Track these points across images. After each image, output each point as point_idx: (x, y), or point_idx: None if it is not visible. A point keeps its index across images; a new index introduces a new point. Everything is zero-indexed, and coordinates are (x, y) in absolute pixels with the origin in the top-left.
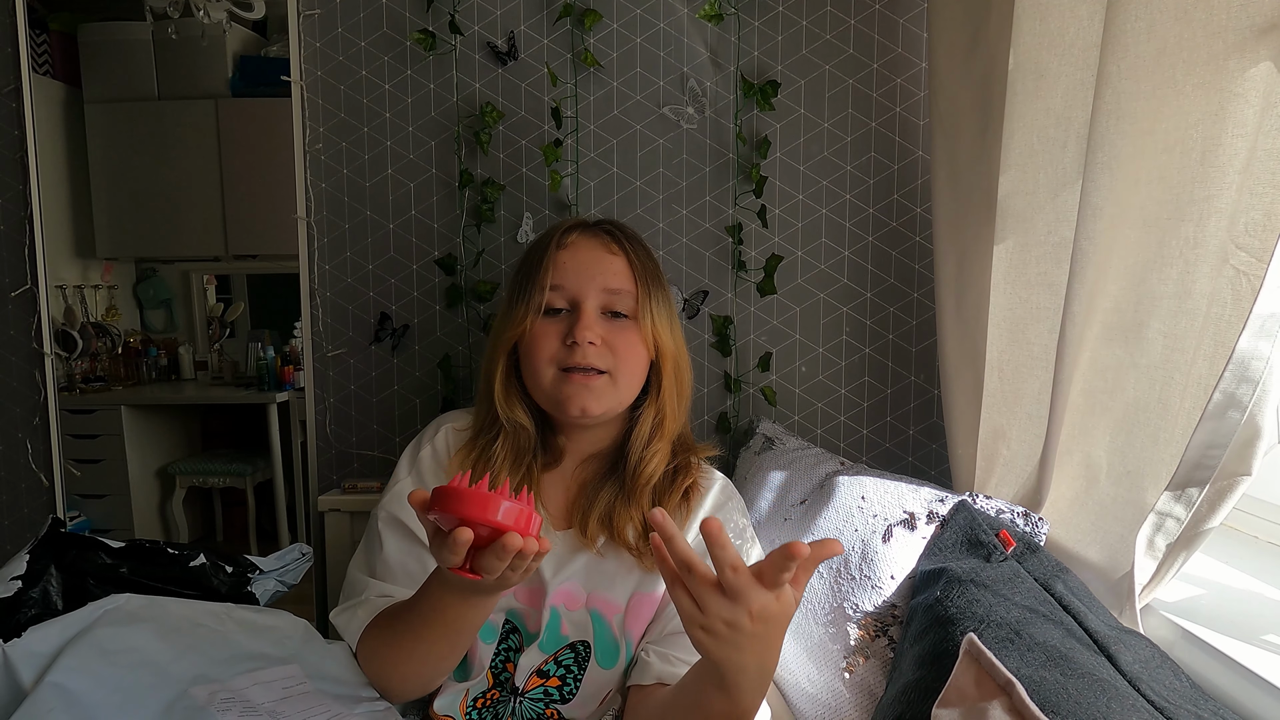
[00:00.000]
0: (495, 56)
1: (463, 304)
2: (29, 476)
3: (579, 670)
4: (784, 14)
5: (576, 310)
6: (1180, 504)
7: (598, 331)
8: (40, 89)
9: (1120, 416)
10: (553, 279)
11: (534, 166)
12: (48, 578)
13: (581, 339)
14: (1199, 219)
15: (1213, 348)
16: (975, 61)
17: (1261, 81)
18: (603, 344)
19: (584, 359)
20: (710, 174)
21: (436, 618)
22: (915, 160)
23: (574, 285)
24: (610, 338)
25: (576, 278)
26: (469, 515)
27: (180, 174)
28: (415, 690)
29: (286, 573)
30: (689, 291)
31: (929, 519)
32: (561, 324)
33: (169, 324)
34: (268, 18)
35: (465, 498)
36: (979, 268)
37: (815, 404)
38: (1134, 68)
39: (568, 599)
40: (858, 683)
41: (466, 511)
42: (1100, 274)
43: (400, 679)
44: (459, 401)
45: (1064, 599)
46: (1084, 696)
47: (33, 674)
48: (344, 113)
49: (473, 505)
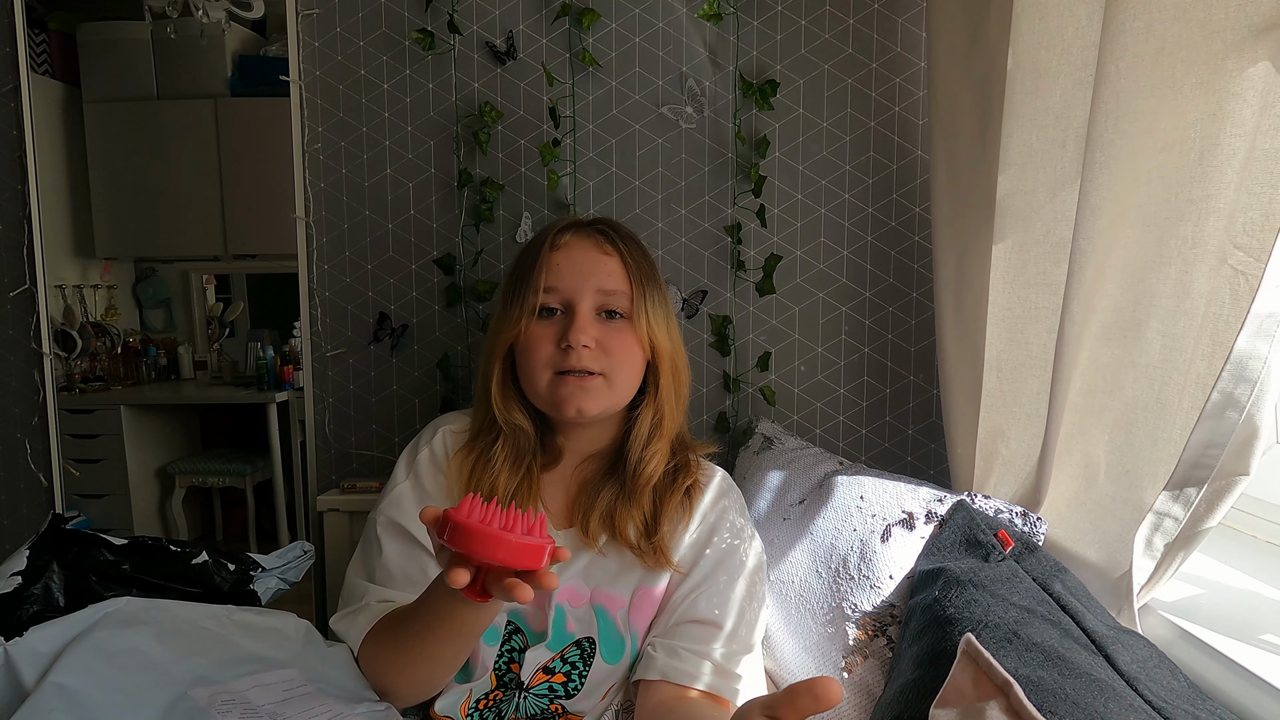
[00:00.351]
0: (494, 56)
1: (462, 304)
2: (28, 476)
3: (584, 666)
4: (783, 13)
5: (571, 312)
6: (1178, 504)
7: (592, 333)
8: (39, 88)
9: (1119, 416)
10: (546, 280)
11: (533, 166)
12: (49, 574)
13: (575, 342)
14: (1197, 218)
15: (1211, 347)
16: (974, 61)
17: (1260, 81)
18: (597, 346)
19: (578, 362)
20: (709, 173)
21: (440, 624)
22: (914, 160)
23: (568, 287)
24: (605, 339)
25: (570, 279)
26: (480, 555)
27: (179, 174)
28: (420, 694)
29: (288, 570)
30: (688, 291)
31: (927, 519)
32: (556, 326)
33: (168, 324)
34: (267, 17)
35: (477, 536)
36: (978, 267)
37: (814, 403)
38: (1133, 67)
39: (572, 596)
40: (856, 682)
41: (478, 550)
42: (1099, 273)
43: (405, 684)
44: (458, 401)
45: (1062, 599)
46: (1082, 696)
47: (34, 674)
48: (343, 112)
49: (484, 544)
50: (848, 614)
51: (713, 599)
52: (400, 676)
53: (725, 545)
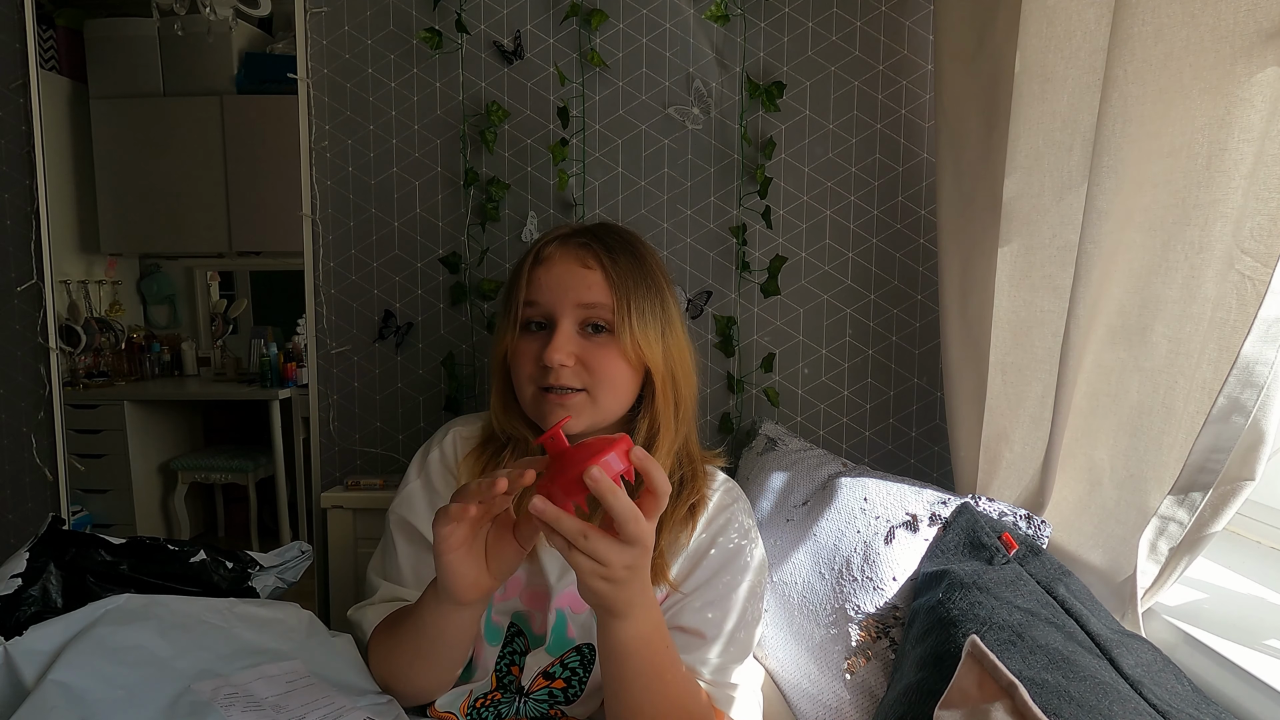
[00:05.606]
0: (501, 55)
1: (467, 302)
2: (33, 471)
3: (584, 673)
4: (790, 15)
5: (552, 327)
6: (1183, 508)
7: (570, 351)
8: (46, 84)
9: (1124, 420)
10: (527, 295)
11: (539, 165)
12: (47, 575)
13: (552, 361)
14: (1204, 223)
15: (1217, 352)
16: (981, 64)
17: (1268, 86)
18: (578, 362)
19: (557, 379)
20: (715, 175)
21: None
22: (920, 162)
23: (548, 302)
24: (586, 355)
25: (550, 294)
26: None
27: (185, 170)
28: (424, 693)
29: (286, 570)
30: (693, 292)
31: (931, 521)
32: (539, 342)
33: (172, 320)
34: (274, 15)
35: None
36: (983, 270)
37: (818, 405)
38: (1140, 71)
39: (574, 602)
40: (859, 684)
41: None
42: (1105, 277)
43: (406, 684)
44: (462, 399)
45: (1066, 602)
46: (1086, 699)
47: (35, 672)
48: (350, 110)
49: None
50: (851, 615)
51: (711, 604)
52: (401, 677)
53: (732, 545)
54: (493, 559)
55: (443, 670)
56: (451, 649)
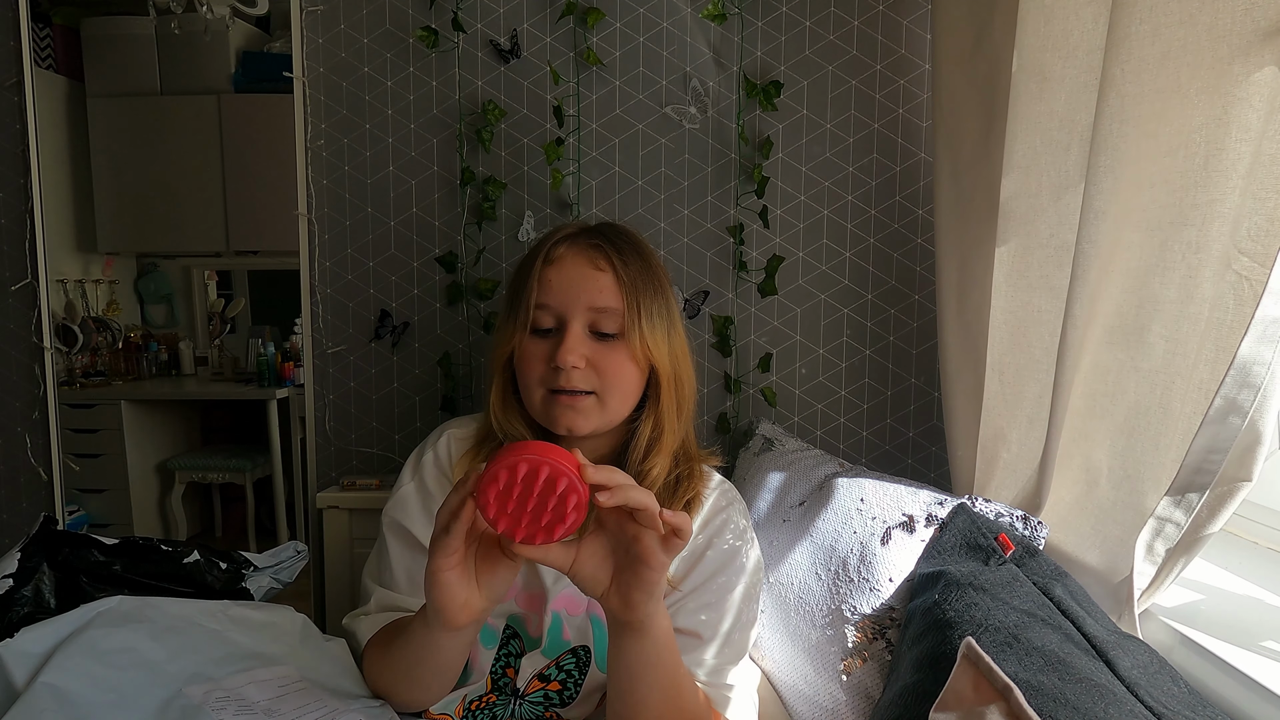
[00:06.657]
0: (498, 54)
1: (463, 302)
2: (28, 470)
3: (580, 675)
4: (787, 14)
5: (563, 330)
6: (1180, 509)
7: (581, 353)
8: (42, 83)
9: (1121, 421)
10: (538, 298)
11: (536, 165)
12: (40, 575)
13: (565, 363)
14: (1202, 223)
15: (1214, 352)
16: (979, 63)
17: (1266, 86)
18: (588, 365)
19: (568, 382)
20: (712, 174)
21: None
22: (918, 162)
23: (559, 304)
24: (596, 358)
25: (562, 296)
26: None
27: (182, 169)
28: (418, 705)
29: (281, 570)
30: (690, 291)
31: (928, 522)
32: (549, 344)
33: (169, 319)
34: (270, 13)
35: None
36: (980, 270)
37: (815, 405)
38: (1138, 71)
39: (569, 604)
40: (855, 685)
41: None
42: (1102, 277)
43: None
44: (458, 399)
45: (1063, 603)
46: (1082, 701)
47: (25, 674)
48: (346, 109)
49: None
50: (847, 616)
51: (707, 606)
52: (393, 693)
53: (728, 547)
54: (484, 576)
55: (436, 690)
56: (443, 673)
